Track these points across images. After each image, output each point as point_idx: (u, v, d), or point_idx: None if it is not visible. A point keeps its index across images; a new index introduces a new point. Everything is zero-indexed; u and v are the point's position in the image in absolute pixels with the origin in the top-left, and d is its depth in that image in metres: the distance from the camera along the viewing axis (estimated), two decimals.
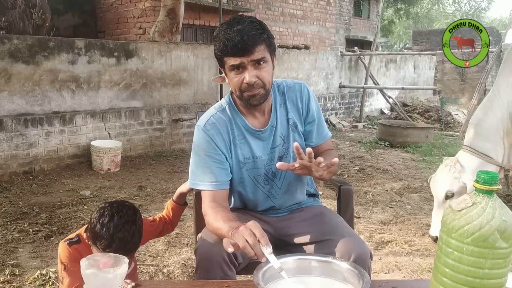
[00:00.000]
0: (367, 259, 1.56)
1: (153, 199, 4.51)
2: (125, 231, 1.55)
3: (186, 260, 3.05)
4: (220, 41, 1.54)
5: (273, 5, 12.81)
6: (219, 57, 1.60)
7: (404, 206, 4.42)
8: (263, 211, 1.83)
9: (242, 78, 1.55)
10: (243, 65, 1.54)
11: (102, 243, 1.53)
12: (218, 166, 1.66)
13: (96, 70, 5.97)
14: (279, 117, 1.73)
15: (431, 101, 13.07)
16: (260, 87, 1.58)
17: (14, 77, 5.18)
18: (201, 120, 1.72)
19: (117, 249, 1.48)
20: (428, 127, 8.26)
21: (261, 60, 1.55)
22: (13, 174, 5.14)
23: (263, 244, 1.25)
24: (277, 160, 1.74)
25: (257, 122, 1.71)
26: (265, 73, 1.57)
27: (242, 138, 1.70)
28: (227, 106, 1.72)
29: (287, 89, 1.77)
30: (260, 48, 1.54)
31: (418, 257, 3.19)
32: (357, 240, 1.62)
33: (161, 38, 7.30)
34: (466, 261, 1.03)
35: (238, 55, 1.52)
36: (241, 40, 1.49)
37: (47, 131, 5.44)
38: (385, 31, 21.71)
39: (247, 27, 1.52)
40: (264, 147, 1.72)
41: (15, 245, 3.30)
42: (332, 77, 10.61)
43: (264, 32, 1.56)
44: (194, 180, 1.69)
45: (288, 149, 1.75)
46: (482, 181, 1.03)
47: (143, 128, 6.53)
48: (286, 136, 1.74)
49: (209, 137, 1.66)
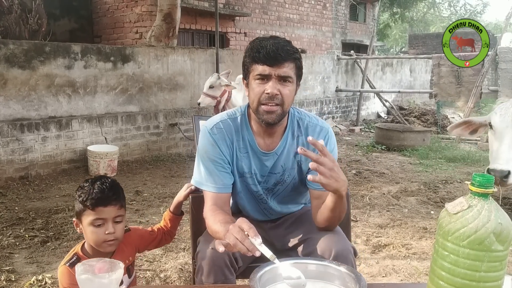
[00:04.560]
0: (348, 255, 1.54)
1: (150, 203, 4.50)
2: (104, 179, 1.62)
3: (183, 264, 3.04)
4: (254, 48, 1.56)
5: (270, 10, 12.83)
6: (247, 64, 1.60)
7: (401, 209, 4.42)
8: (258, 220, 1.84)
9: (264, 88, 1.55)
10: (269, 76, 1.54)
11: (81, 196, 1.56)
12: (222, 170, 1.66)
13: (93, 74, 5.97)
14: (287, 148, 1.70)
15: (428, 104, 13.12)
16: (279, 104, 1.56)
17: (10, 82, 5.17)
18: (210, 121, 1.71)
19: (99, 198, 1.54)
20: (425, 131, 8.28)
21: (287, 78, 1.56)
22: (9, 179, 5.11)
23: (251, 236, 1.26)
24: (272, 185, 1.74)
25: (264, 143, 1.70)
26: (287, 91, 1.57)
27: (245, 152, 1.70)
28: (239, 117, 1.71)
29: (309, 125, 1.72)
30: (290, 65, 1.55)
31: (415, 261, 3.19)
32: (337, 236, 1.60)
33: (158, 42, 7.30)
34: (462, 264, 1.03)
35: (268, 63, 1.53)
36: (275, 50, 1.52)
37: (43, 136, 5.43)
38: (381, 35, 21.78)
39: (283, 42, 1.57)
40: (262, 169, 1.72)
41: (11, 251, 3.28)
42: (329, 81, 10.63)
43: (297, 54, 1.59)
44: (199, 179, 1.69)
45: (285, 180, 1.74)
46: (478, 184, 1.03)
47: (140, 133, 6.52)
48: (288, 168, 1.72)
49: (214, 141, 1.66)
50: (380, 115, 12.43)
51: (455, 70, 8.76)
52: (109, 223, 1.56)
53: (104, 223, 1.56)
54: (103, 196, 1.56)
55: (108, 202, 1.56)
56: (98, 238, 1.56)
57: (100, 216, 1.55)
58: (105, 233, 1.55)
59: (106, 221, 1.56)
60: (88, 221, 1.56)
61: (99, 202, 1.55)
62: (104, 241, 1.56)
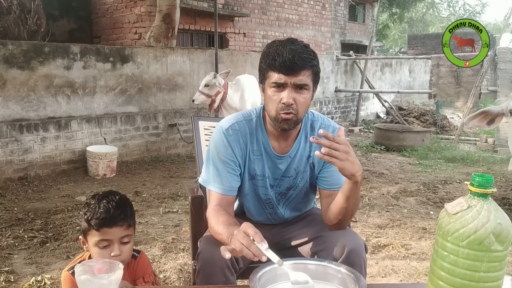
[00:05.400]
0: (361, 251, 1.55)
1: (149, 204, 4.49)
2: (111, 196, 1.56)
3: (182, 265, 3.04)
4: (270, 54, 1.54)
5: (269, 10, 12.83)
6: (263, 70, 1.59)
7: (401, 209, 4.42)
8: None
9: (281, 97, 1.53)
10: (285, 85, 1.53)
11: (87, 214, 1.50)
12: (231, 172, 1.65)
13: (92, 75, 5.96)
14: (300, 151, 1.70)
15: (427, 104, 13.12)
16: (294, 112, 1.55)
17: (9, 82, 5.16)
18: (225, 122, 1.70)
19: (104, 218, 1.48)
20: (424, 131, 8.28)
21: (303, 87, 1.54)
22: (8, 180, 5.11)
23: (257, 241, 1.26)
24: (284, 189, 1.74)
25: (278, 146, 1.69)
26: (303, 99, 1.55)
27: (259, 155, 1.69)
28: (254, 119, 1.70)
29: (322, 127, 1.71)
30: (306, 73, 1.53)
31: (415, 261, 3.19)
32: (350, 233, 1.62)
33: (157, 43, 7.30)
34: (461, 264, 1.03)
35: (284, 72, 1.51)
36: (291, 59, 1.49)
37: (43, 137, 5.42)
38: (380, 35, 21.77)
39: (300, 49, 1.52)
40: (276, 172, 1.71)
41: (10, 252, 3.27)
42: (328, 81, 10.63)
43: (315, 60, 1.56)
44: (206, 178, 1.68)
45: (298, 184, 1.74)
46: (477, 184, 1.03)
47: (139, 133, 6.52)
48: (301, 171, 1.72)
49: (228, 142, 1.65)
50: (379, 116, 12.43)
51: (454, 71, 8.77)
52: (115, 244, 1.50)
53: (109, 244, 1.50)
54: (109, 216, 1.49)
55: (113, 223, 1.50)
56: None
57: (105, 237, 1.49)
58: (111, 255, 1.48)
59: (111, 243, 1.50)
60: (93, 242, 1.50)
61: (104, 222, 1.49)
62: None
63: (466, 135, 9.36)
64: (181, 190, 4.90)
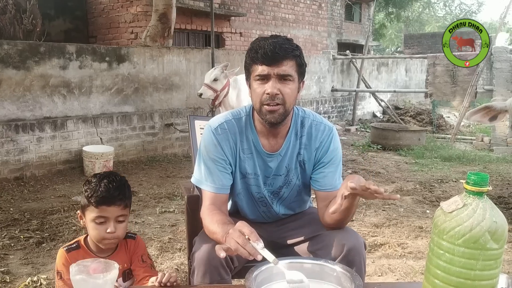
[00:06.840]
0: (361, 249, 1.55)
1: (145, 204, 4.48)
2: (112, 177, 1.64)
3: (179, 265, 3.03)
4: (253, 48, 1.55)
5: (265, 10, 12.84)
6: (248, 65, 1.60)
7: (397, 208, 4.43)
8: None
9: (265, 89, 1.54)
10: (268, 76, 1.53)
11: (87, 191, 1.57)
12: (222, 170, 1.65)
13: (88, 75, 5.94)
14: (290, 149, 1.69)
15: (423, 104, 13.14)
16: (281, 103, 1.54)
17: (5, 82, 5.14)
18: (214, 120, 1.70)
19: (104, 197, 1.55)
20: (420, 130, 8.30)
21: (287, 77, 1.54)
22: (4, 180, 5.09)
23: (253, 241, 1.25)
24: (277, 188, 1.73)
25: (268, 144, 1.69)
26: (288, 90, 1.55)
27: (249, 153, 1.69)
28: (244, 117, 1.70)
29: (313, 124, 1.71)
30: (289, 63, 1.53)
31: (411, 260, 3.20)
32: (349, 231, 1.61)
33: (153, 42, 7.29)
34: (457, 263, 1.03)
35: (266, 63, 1.51)
36: (272, 49, 1.50)
37: (38, 137, 5.40)
38: (377, 35, 21.82)
39: (282, 40, 1.54)
40: (267, 170, 1.71)
41: (6, 252, 3.26)
42: (325, 80, 10.64)
43: (297, 51, 1.56)
44: (199, 178, 1.68)
45: (290, 181, 1.73)
46: (473, 182, 1.03)
47: (135, 133, 6.50)
48: (292, 168, 1.71)
49: (218, 141, 1.65)
50: (375, 115, 12.45)
51: (450, 70, 8.79)
52: (111, 222, 1.57)
53: (106, 221, 1.57)
54: (108, 195, 1.56)
55: (112, 202, 1.57)
56: (98, 235, 1.57)
57: (102, 214, 1.56)
58: (106, 232, 1.56)
59: (108, 220, 1.57)
60: (91, 217, 1.57)
61: (103, 201, 1.55)
62: (104, 239, 1.57)
63: (462, 134, 9.39)
64: (178, 190, 4.89)
